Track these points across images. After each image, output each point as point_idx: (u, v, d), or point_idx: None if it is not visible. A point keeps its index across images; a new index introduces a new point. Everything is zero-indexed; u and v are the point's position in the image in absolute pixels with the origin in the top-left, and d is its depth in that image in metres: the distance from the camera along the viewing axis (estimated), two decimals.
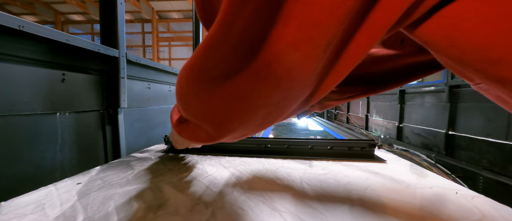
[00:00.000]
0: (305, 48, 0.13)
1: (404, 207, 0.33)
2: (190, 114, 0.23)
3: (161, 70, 1.18)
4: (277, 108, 0.19)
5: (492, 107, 1.48)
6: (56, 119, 0.64)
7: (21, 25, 0.51)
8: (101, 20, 0.85)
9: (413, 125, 2.35)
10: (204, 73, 0.17)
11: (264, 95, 0.17)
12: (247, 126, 0.21)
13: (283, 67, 0.15)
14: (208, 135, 0.24)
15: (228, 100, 0.18)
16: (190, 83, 0.19)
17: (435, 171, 1.65)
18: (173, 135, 0.42)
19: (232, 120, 0.20)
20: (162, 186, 0.40)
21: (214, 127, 0.22)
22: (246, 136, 0.25)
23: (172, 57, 7.10)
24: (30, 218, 0.30)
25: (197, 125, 0.24)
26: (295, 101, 0.19)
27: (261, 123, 0.22)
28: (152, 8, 5.79)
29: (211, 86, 0.17)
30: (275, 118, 0.22)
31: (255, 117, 0.20)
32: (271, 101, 0.18)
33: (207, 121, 0.22)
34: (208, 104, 0.19)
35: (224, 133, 0.23)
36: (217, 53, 0.15)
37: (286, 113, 0.21)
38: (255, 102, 0.18)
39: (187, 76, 0.18)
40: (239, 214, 0.31)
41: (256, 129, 0.23)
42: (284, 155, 0.59)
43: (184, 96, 0.21)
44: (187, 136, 0.27)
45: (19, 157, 0.55)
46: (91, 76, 0.76)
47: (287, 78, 0.16)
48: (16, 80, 0.54)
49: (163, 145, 0.72)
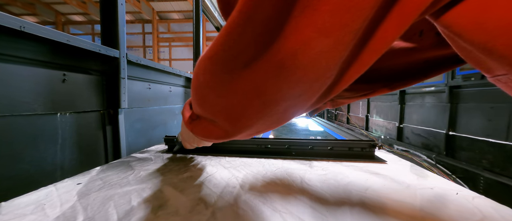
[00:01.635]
0: (336, 34, 0.13)
1: (405, 207, 0.33)
2: (206, 109, 0.22)
3: (161, 70, 1.19)
4: (297, 102, 0.19)
5: (492, 108, 1.47)
6: (57, 119, 0.64)
7: (22, 26, 0.51)
8: (102, 20, 0.85)
9: (414, 125, 2.34)
10: (223, 64, 0.16)
11: (285, 87, 0.16)
12: (265, 121, 0.21)
13: (310, 56, 0.14)
14: (223, 132, 0.23)
15: (247, 93, 0.17)
16: (208, 76, 0.18)
17: (436, 171, 1.65)
18: (183, 134, 0.41)
19: (250, 116, 0.20)
20: (162, 187, 0.40)
21: (231, 123, 0.21)
22: (260, 133, 0.24)
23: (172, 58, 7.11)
24: (30, 218, 0.30)
25: (212, 122, 0.23)
26: (316, 93, 0.18)
27: (279, 119, 0.21)
28: (152, 9, 5.81)
29: (229, 79, 0.17)
30: (294, 113, 0.21)
31: (274, 112, 0.19)
32: (292, 94, 0.17)
33: (224, 117, 0.21)
34: (225, 99, 0.19)
35: (241, 129, 0.22)
36: (238, 43, 0.14)
37: (305, 107, 0.21)
38: (275, 96, 0.17)
39: (204, 67, 0.17)
40: (240, 215, 0.31)
41: (273, 125, 0.22)
42: (284, 155, 0.59)
43: (201, 90, 0.20)
44: (200, 133, 0.26)
45: (19, 157, 0.55)
46: (91, 77, 0.76)
47: (313, 68, 0.15)
48: (17, 80, 0.54)
49: (164, 146, 0.72)
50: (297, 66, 0.14)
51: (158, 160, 0.56)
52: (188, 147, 0.44)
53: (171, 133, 1.35)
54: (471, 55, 0.16)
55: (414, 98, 2.37)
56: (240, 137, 0.24)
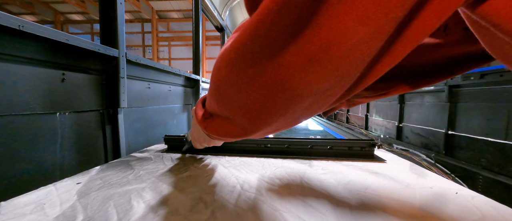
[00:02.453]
0: (377, 22, 0.12)
1: (404, 207, 0.33)
2: (224, 106, 0.22)
3: (161, 70, 1.18)
4: (322, 98, 0.17)
5: (491, 107, 1.48)
6: (56, 119, 0.64)
7: (21, 25, 0.51)
8: (101, 19, 0.84)
9: (413, 124, 2.35)
10: (249, 56, 0.15)
11: (313, 82, 0.15)
12: (286, 119, 0.20)
13: (345, 48, 0.13)
14: (241, 130, 0.22)
15: (271, 89, 0.16)
16: (231, 69, 0.17)
17: (435, 170, 1.66)
18: (194, 133, 0.40)
19: (272, 112, 0.19)
20: (162, 186, 0.40)
21: (250, 120, 0.20)
22: (278, 131, 0.24)
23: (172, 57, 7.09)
24: (29, 217, 0.30)
25: (228, 120, 0.23)
26: (342, 89, 0.17)
27: (299, 116, 0.20)
28: (151, 8, 5.79)
29: (253, 73, 0.16)
30: (316, 110, 0.20)
31: (297, 109, 0.18)
32: (319, 89, 0.16)
33: (243, 114, 0.20)
34: (246, 95, 0.18)
35: (260, 127, 0.21)
36: (269, 33, 0.13)
37: (327, 104, 0.19)
38: (301, 91, 0.16)
39: (228, 60, 0.17)
40: (239, 214, 0.31)
41: (292, 123, 0.22)
42: (284, 155, 0.59)
43: (222, 85, 0.19)
44: (215, 132, 0.26)
45: (18, 157, 0.55)
46: (91, 76, 0.76)
47: (346, 61, 0.14)
48: (16, 80, 0.54)
49: (163, 145, 0.72)
50: (329, 59, 0.13)
51: (158, 160, 0.56)
52: (198, 146, 0.43)
53: (170, 132, 1.35)
54: (505, 50, 0.15)
55: (414, 98, 2.37)
56: (256, 136, 0.23)
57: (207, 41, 6.67)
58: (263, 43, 0.14)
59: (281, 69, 0.15)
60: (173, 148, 0.68)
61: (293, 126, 0.22)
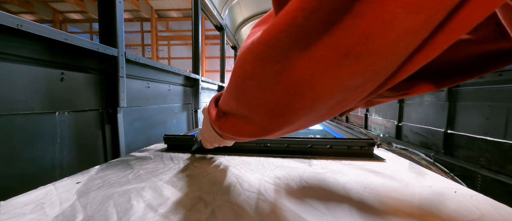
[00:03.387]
0: (429, 9, 0.10)
1: (403, 205, 0.33)
2: (244, 104, 0.21)
3: (160, 69, 1.18)
4: (352, 95, 0.16)
5: (490, 106, 1.48)
6: (55, 118, 0.64)
7: (20, 24, 0.50)
8: (100, 19, 0.84)
9: (412, 124, 2.35)
10: (279, 50, 0.14)
11: (346, 78, 0.14)
12: (309, 117, 0.19)
13: (388, 39, 0.12)
14: (259, 129, 0.21)
15: (299, 85, 0.15)
16: (257, 64, 0.16)
17: (434, 169, 1.66)
18: (204, 133, 0.39)
19: (296, 110, 0.18)
20: (161, 185, 0.40)
21: (272, 119, 0.19)
22: (298, 130, 0.22)
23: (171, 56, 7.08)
24: (29, 217, 0.30)
25: (246, 119, 0.22)
26: (375, 85, 0.16)
27: (324, 115, 0.19)
28: (151, 7, 5.78)
29: (280, 68, 0.15)
30: (342, 108, 0.18)
31: (323, 106, 0.17)
32: (350, 86, 0.15)
33: (264, 112, 0.19)
34: (270, 92, 0.17)
35: (282, 126, 0.20)
36: (307, 22, 0.12)
37: (354, 102, 0.18)
38: (331, 87, 0.15)
39: (256, 54, 0.16)
40: (239, 213, 0.31)
41: (315, 121, 0.20)
42: (283, 154, 0.59)
43: (245, 81, 0.18)
44: (230, 131, 0.25)
45: (18, 157, 0.55)
46: (90, 75, 0.76)
47: (387, 54, 0.12)
48: (15, 79, 0.54)
49: (163, 144, 0.72)
50: (368, 52, 0.12)
51: (158, 159, 0.56)
52: (208, 146, 0.42)
53: (170, 132, 1.35)
54: None
55: (413, 97, 2.37)
56: (274, 135, 0.22)
57: (207, 40, 6.66)
58: (298, 34, 0.13)
59: (312, 64, 0.14)
60: (172, 148, 0.68)
61: (314, 124, 0.21)
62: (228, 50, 3.28)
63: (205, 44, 6.56)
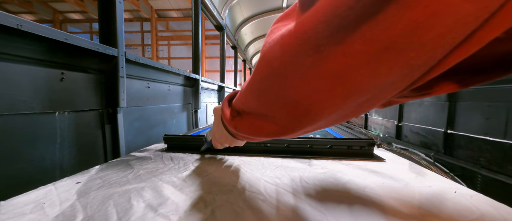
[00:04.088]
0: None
1: (403, 205, 0.33)
2: (266, 103, 0.20)
3: (160, 69, 1.18)
4: (384, 92, 0.15)
5: (490, 106, 1.48)
6: (55, 118, 0.64)
7: (20, 24, 0.50)
8: (100, 19, 0.84)
9: (412, 124, 2.35)
10: (315, 43, 0.13)
11: (383, 74, 0.13)
12: (334, 116, 0.18)
13: (437, 31, 0.11)
14: (279, 128, 0.20)
15: (329, 82, 0.15)
16: (287, 59, 0.15)
17: (434, 169, 1.66)
18: (215, 133, 0.39)
19: (321, 109, 0.17)
20: (161, 185, 0.40)
21: (295, 118, 0.19)
22: (318, 129, 0.21)
23: (171, 56, 7.08)
24: (29, 217, 0.30)
25: (265, 117, 0.21)
26: (411, 81, 0.15)
27: (349, 114, 0.18)
28: (151, 7, 5.78)
29: (312, 63, 0.14)
30: (369, 107, 0.17)
31: (351, 105, 0.16)
32: (385, 82, 0.14)
33: (287, 110, 0.18)
34: (296, 89, 0.16)
35: (304, 125, 0.19)
36: (347, 14, 0.11)
37: (385, 99, 0.17)
38: (364, 84, 0.14)
39: (286, 49, 0.15)
40: (239, 213, 0.31)
41: (338, 121, 0.20)
42: (283, 154, 0.59)
43: (270, 78, 0.17)
44: (245, 131, 0.24)
45: (18, 156, 0.55)
46: (90, 75, 0.76)
47: (432, 47, 0.11)
48: (15, 79, 0.54)
49: (163, 144, 0.72)
50: (413, 45, 0.11)
51: (158, 159, 0.56)
52: (218, 147, 0.41)
53: (170, 132, 1.35)
54: None
55: None
56: (295, 135, 0.21)
57: (207, 40, 6.66)
58: (337, 26, 0.12)
59: (346, 59, 0.13)
60: (172, 148, 0.68)
61: (337, 124, 0.20)
62: (228, 50, 3.28)
63: (205, 44, 6.56)
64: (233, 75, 3.74)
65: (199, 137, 0.67)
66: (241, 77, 5.52)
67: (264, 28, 3.93)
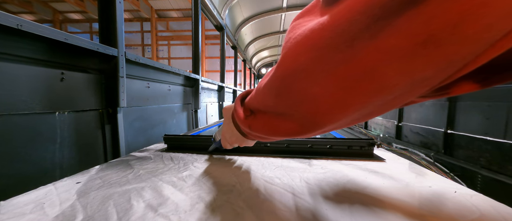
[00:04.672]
0: None
1: (403, 205, 0.33)
2: (286, 100, 0.19)
3: (160, 69, 1.18)
4: (413, 90, 0.15)
5: (490, 106, 1.48)
6: (55, 118, 0.64)
7: (20, 24, 0.50)
8: (100, 19, 0.84)
9: (412, 124, 2.35)
10: (348, 37, 0.13)
11: (417, 70, 0.13)
12: (356, 115, 0.17)
13: (483, 23, 0.10)
14: (297, 126, 0.20)
15: (357, 79, 0.14)
16: (315, 54, 0.15)
17: (434, 169, 1.66)
18: (225, 133, 0.38)
19: (346, 107, 0.16)
20: (161, 185, 0.40)
21: (316, 116, 0.18)
22: (338, 129, 0.21)
23: (171, 56, 7.08)
24: (29, 217, 0.30)
25: (282, 116, 0.20)
26: (443, 77, 0.14)
27: (371, 113, 0.17)
28: (151, 7, 5.78)
29: (341, 59, 0.13)
30: (394, 106, 0.17)
31: (377, 103, 0.16)
32: (417, 79, 0.13)
33: (308, 109, 0.18)
34: (321, 87, 0.16)
35: (325, 123, 0.18)
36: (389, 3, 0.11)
37: (413, 97, 0.16)
38: (395, 81, 0.13)
39: (315, 43, 0.14)
40: (239, 213, 0.31)
41: (360, 120, 0.19)
42: (283, 154, 0.59)
43: (295, 74, 0.17)
44: (260, 130, 0.24)
45: (18, 156, 0.55)
46: (90, 75, 0.76)
47: (474, 41, 0.11)
48: (15, 79, 0.54)
49: (163, 144, 0.72)
50: (453, 40, 0.11)
51: (158, 159, 0.56)
52: (228, 147, 0.41)
53: (170, 132, 1.35)
54: None
55: None
56: (312, 134, 0.21)
57: (207, 40, 6.66)
58: (376, 16, 0.11)
59: (379, 54, 0.12)
60: (172, 148, 0.68)
61: (357, 123, 0.19)
62: (228, 50, 3.28)
63: (205, 44, 6.56)
64: (233, 75, 3.74)
65: (199, 137, 0.67)
66: (241, 77, 5.52)
67: (264, 28, 3.94)
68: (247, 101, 0.27)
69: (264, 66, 7.63)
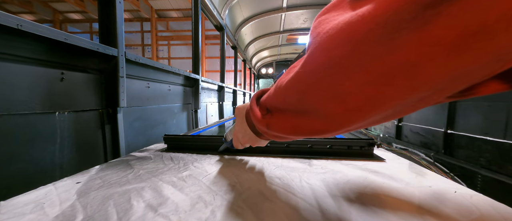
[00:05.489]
0: None
1: (403, 205, 0.33)
2: (313, 96, 0.18)
3: (160, 69, 1.18)
4: (453, 85, 0.14)
5: (490, 106, 1.48)
6: (55, 118, 0.64)
7: (20, 24, 0.50)
8: (100, 19, 0.84)
9: (412, 124, 2.35)
10: (391, 27, 0.12)
11: (463, 64, 0.12)
12: (389, 112, 0.16)
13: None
14: (322, 125, 0.19)
15: (393, 75, 0.13)
16: (351, 47, 0.14)
17: (434, 169, 1.66)
18: (238, 133, 0.37)
19: (380, 104, 0.15)
20: (161, 185, 0.40)
21: (344, 113, 0.17)
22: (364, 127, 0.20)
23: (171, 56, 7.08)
24: (29, 217, 0.30)
25: (305, 114, 0.20)
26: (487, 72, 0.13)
27: (407, 109, 0.17)
28: (151, 7, 5.77)
29: (380, 53, 0.13)
30: (429, 102, 0.16)
31: (413, 99, 0.15)
32: (463, 72, 0.12)
33: (337, 105, 0.17)
34: (352, 83, 0.15)
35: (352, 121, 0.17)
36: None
37: (450, 93, 0.15)
38: (437, 77, 0.13)
39: (354, 36, 0.13)
40: (239, 213, 0.31)
41: (389, 117, 0.18)
42: (283, 154, 0.59)
43: (326, 70, 0.16)
44: (279, 129, 0.23)
45: (18, 157, 0.55)
46: (90, 75, 0.76)
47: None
48: (15, 79, 0.54)
49: (163, 144, 0.72)
50: (508, 32, 0.10)
51: (158, 159, 0.56)
52: (239, 147, 0.40)
53: (170, 132, 1.35)
54: None
55: None
56: (338, 133, 0.20)
57: (207, 40, 6.66)
58: (426, 4, 0.11)
59: (423, 48, 0.12)
60: (172, 148, 0.68)
61: (386, 121, 0.18)
62: (228, 50, 3.28)
63: (205, 44, 6.56)
64: (233, 75, 3.74)
65: (199, 137, 0.67)
66: (241, 77, 5.52)
67: (264, 28, 3.93)
68: (264, 99, 0.27)
69: (264, 66, 7.63)
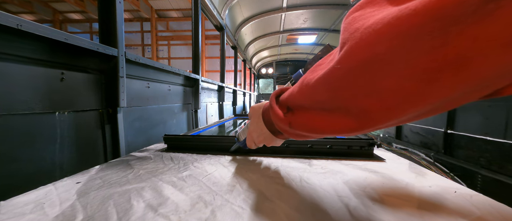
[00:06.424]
0: None
1: (403, 205, 0.33)
2: (345, 93, 0.17)
3: (160, 69, 1.18)
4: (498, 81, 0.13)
5: (490, 106, 1.48)
6: (55, 118, 0.64)
7: (19, 24, 0.50)
8: (100, 19, 0.84)
9: (412, 124, 2.35)
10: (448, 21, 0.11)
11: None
12: (427, 108, 0.16)
13: None
14: (353, 122, 0.18)
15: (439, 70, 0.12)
16: (399, 42, 0.13)
17: (434, 169, 1.66)
18: (253, 132, 0.37)
19: (418, 101, 0.15)
20: (161, 185, 0.40)
21: (380, 110, 0.16)
22: (399, 124, 0.19)
23: (171, 56, 7.08)
24: (29, 217, 0.30)
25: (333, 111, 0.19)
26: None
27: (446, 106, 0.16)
28: (151, 7, 5.77)
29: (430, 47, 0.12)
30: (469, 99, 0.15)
31: (455, 95, 0.14)
32: (508, 70, 0.12)
33: (373, 102, 0.16)
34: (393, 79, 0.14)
35: (389, 118, 0.17)
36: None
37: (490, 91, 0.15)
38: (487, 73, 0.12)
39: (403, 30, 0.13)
40: (239, 213, 0.31)
41: (426, 114, 0.17)
42: (283, 154, 0.59)
43: (366, 65, 0.15)
44: (303, 127, 0.23)
45: (18, 157, 0.55)
46: (90, 75, 0.76)
47: None
48: (15, 79, 0.54)
49: (163, 144, 0.72)
50: None
51: (158, 159, 0.56)
52: (253, 147, 0.40)
53: (170, 132, 1.35)
54: None
55: None
56: (368, 131, 0.19)
57: (207, 40, 6.66)
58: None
59: (476, 43, 0.11)
60: (172, 148, 0.68)
61: (417, 120, 0.18)
62: (228, 50, 3.28)
63: (205, 44, 6.55)
64: (233, 75, 3.74)
65: (199, 137, 0.67)
66: (241, 77, 5.52)
67: (264, 28, 3.93)
68: (285, 98, 0.26)
69: (264, 66, 7.63)
